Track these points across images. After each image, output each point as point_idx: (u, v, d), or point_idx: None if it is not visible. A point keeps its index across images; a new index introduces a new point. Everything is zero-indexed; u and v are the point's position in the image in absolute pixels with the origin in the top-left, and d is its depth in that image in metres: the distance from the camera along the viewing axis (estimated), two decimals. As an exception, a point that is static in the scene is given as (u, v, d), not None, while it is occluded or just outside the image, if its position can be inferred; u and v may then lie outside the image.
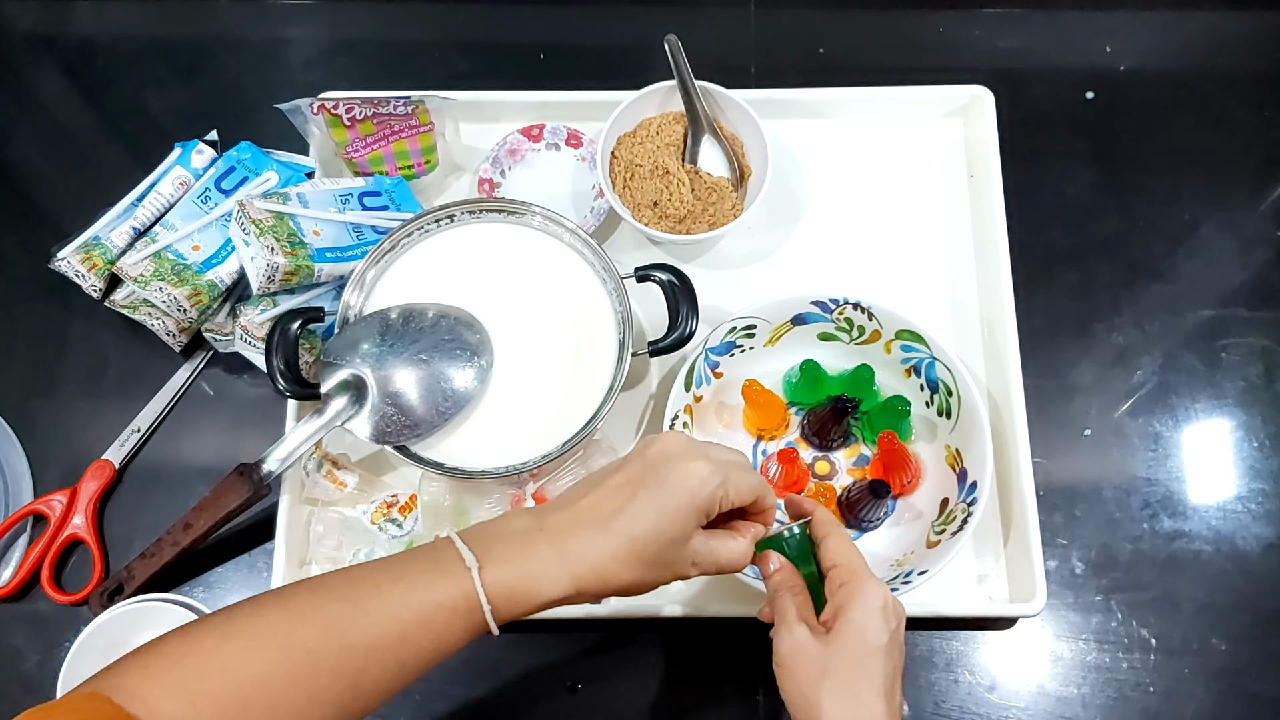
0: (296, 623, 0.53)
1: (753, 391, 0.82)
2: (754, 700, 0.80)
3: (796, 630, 0.60)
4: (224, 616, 0.53)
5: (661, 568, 0.58)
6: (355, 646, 0.53)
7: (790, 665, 0.59)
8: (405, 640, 0.54)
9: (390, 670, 0.54)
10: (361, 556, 0.81)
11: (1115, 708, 0.80)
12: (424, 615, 0.54)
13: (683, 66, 0.89)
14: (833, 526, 0.64)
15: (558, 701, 0.80)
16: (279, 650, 0.52)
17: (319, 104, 0.86)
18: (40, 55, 1.04)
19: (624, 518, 0.57)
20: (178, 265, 0.82)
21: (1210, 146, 0.97)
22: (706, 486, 0.57)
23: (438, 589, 0.54)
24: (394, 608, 0.54)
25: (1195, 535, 0.84)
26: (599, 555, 0.56)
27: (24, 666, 0.82)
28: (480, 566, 0.55)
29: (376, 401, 0.77)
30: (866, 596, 0.59)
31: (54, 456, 0.88)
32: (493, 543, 0.57)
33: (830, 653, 0.58)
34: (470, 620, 0.55)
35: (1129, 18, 1.03)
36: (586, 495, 0.58)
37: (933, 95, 0.95)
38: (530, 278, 0.84)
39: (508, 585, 0.55)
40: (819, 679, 0.58)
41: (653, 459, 0.59)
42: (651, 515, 0.57)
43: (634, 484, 0.58)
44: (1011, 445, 0.82)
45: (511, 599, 0.55)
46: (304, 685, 0.51)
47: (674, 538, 0.57)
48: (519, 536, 0.57)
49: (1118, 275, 0.93)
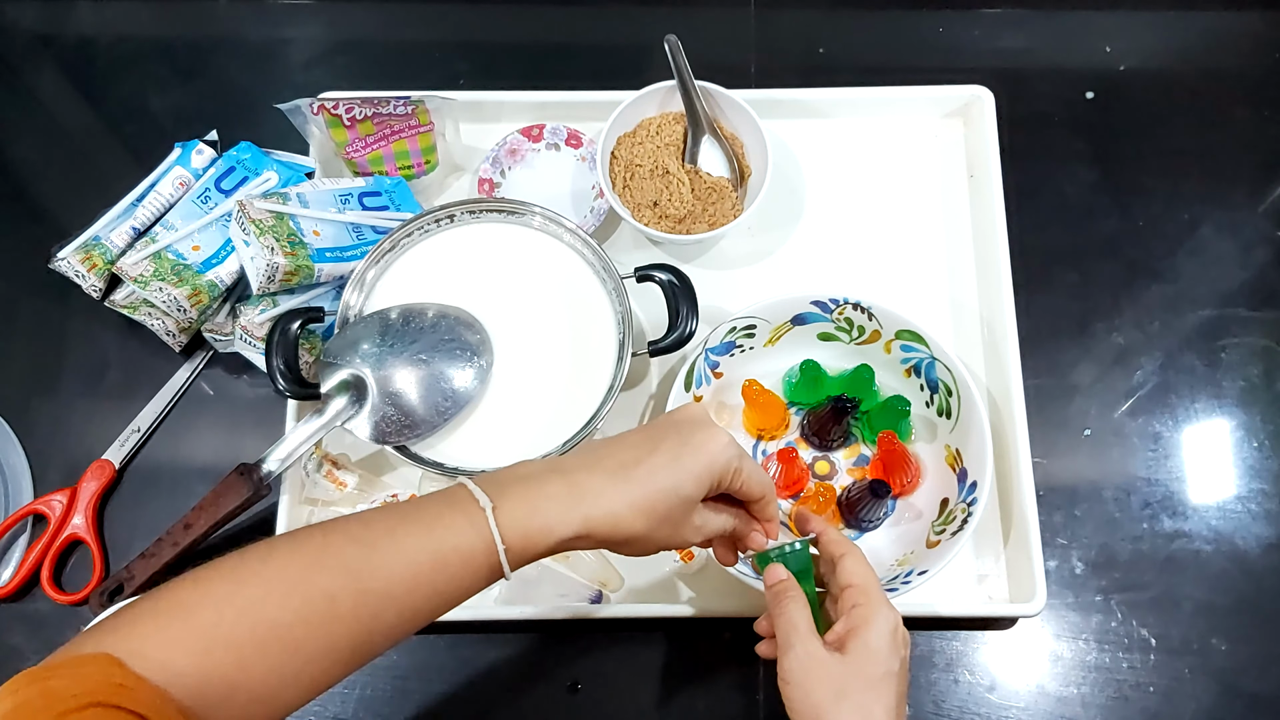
0: (312, 567, 0.52)
1: (753, 391, 0.82)
2: (754, 700, 0.80)
3: (811, 644, 0.59)
4: (234, 562, 0.51)
5: (670, 525, 0.58)
6: (371, 591, 0.52)
7: (803, 681, 0.59)
8: (420, 584, 0.53)
9: (404, 615, 0.53)
10: (361, 556, 0.81)
11: (1115, 708, 0.80)
12: (439, 558, 0.53)
13: (683, 66, 0.89)
14: (847, 546, 0.64)
15: (558, 701, 0.80)
16: (296, 595, 0.50)
17: (319, 104, 0.86)
18: (40, 55, 1.04)
19: (642, 468, 0.57)
20: (178, 265, 0.82)
21: (1210, 146, 0.97)
22: (726, 453, 0.58)
23: (453, 531, 0.54)
24: (410, 550, 0.53)
25: (1195, 535, 0.84)
26: (613, 498, 0.56)
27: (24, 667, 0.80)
28: (494, 507, 0.54)
29: (376, 401, 0.77)
30: (881, 620, 0.59)
31: (54, 456, 0.88)
32: (506, 484, 0.56)
33: (847, 672, 0.58)
34: (486, 563, 0.54)
35: (1129, 18, 1.03)
36: (605, 446, 0.58)
37: (933, 95, 0.95)
38: (530, 278, 0.84)
39: (521, 524, 0.55)
40: (835, 698, 0.57)
41: (678, 421, 0.60)
42: (671, 468, 0.57)
43: (655, 440, 0.58)
44: (1011, 445, 0.82)
45: (525, 538, 0.55)
46: (321, 630, 0.51)
47: (687, 495, 0.57)
48: (533, 477, 0.57)
49: (1118, 275, 0.93)
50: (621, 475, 0.57)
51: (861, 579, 0.62)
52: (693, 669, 0.81)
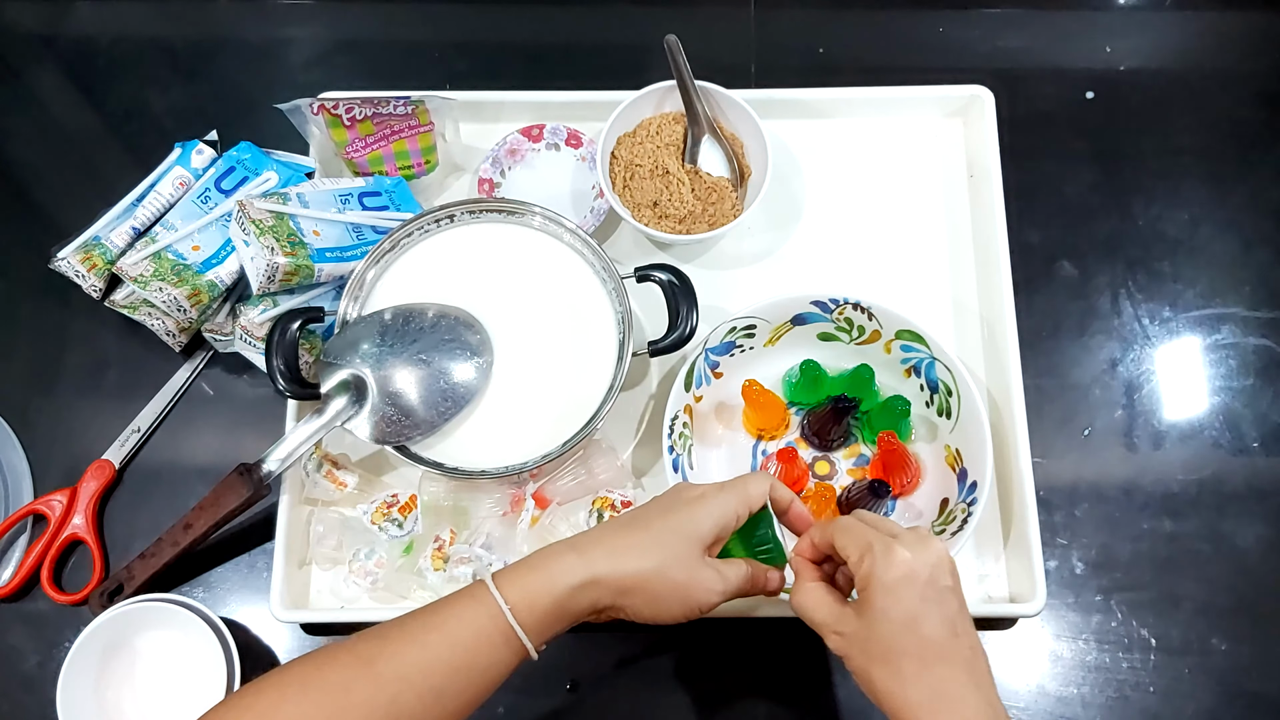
0: (325, 665, 0.55)
1: (753, 391, 0.82)
2: (754, 700, 0.80)
3: (833, 625, 0.60)
4: (259, 679, 0.55)
5: (682, 567, 0.60)
6: (384, 675, 0.54)
7: (848, 655, 0.60)
8: (436, 665, 0.55)
9: (425, 698, 0.55)
10: (361, 557, 0.81)
11: (1115, 708, 0.80)
12: (448, 635, 0.56)
13: (683, 66, 0.89)
14: (827, 525, 0.63)
15: (558, 701, 0.80)
16: (311, 690, 0.54)
17: (319, 104, 0.86)
18: (40, 55, 1.04)
19: (635, 517, 0.63)
20: (178, 265, 0.82)
21: (1210, 146, 0.97)
22: (725, 501, 0.63)
23: (460, 606, 0.58)
24: (419, 632, 0.56)
25: (1195, 535, 0.84)
26: (615, 542, 0.60)
27: (24, 666, 0.82)
28: (496, 579, 0.58)
29: (376, 401, 0.77)
30: (879, 575, 0.58)
31: (54, 456, 0.88)
32: (514, 564, 0.61)
33: (867, 636, 0.58)
34: (498, 631, 0.57)
35: (1129, 18, 1.03)
36: (608, 521, 0.64)
37: (933, 95, 0.95)
38: (530, 278, 0.84)
39: (521, 580, 0.58)
40: (866, 661, 0.58)
41: (677, 488, 0.65)
42: (671, 513, 0.62)
43: (656, 502, 0.64)
44: (1011, 445, 0.82)
45: (526, 593, 0.57)
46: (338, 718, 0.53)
47: (690, 534, 0.61)
48: (540, 552, 0.61)
49: (1118, 275, 0.93)
50: (617, 525, 0.62)
51: (855, 544, 0.60)
52: (693, 669, 0.81)
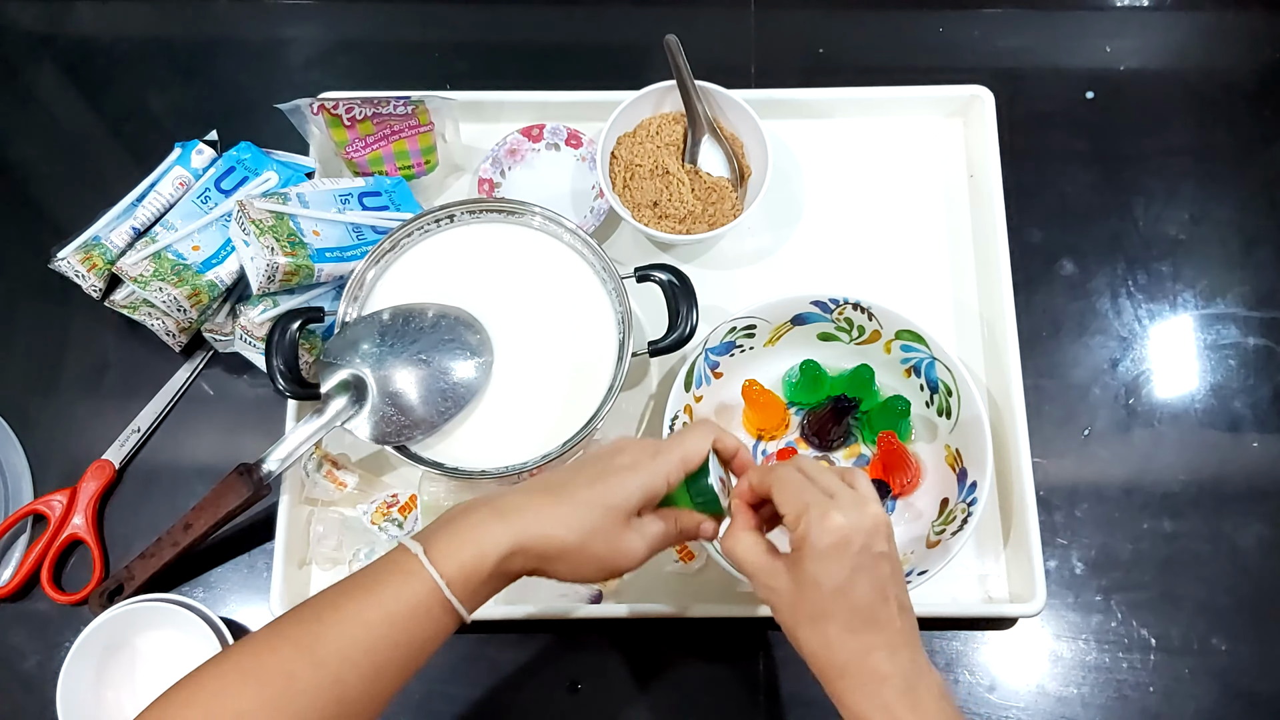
0: (263, 652, 0.54)
1: (753, 391, 0.82)
2: (754, 700, 0.80)
3: (763, 579, 0.59)
4: (196, 670, 0.54)
5: (603, 539, 0.59)
6: (326, 658, 0.54)
7: (774, 607, 0.59)
8: (377, 643, 0.55)
9: (368, 676, 0.54)
10: (362, 557, 0.81)
11: (1115, 708, 0.80)
12: (388, 613, 0.55)
13: (683, 66, 0.89)
14: (767, 473, 0.62)
15: (558, 701, 0.80)
16: (252, 680, 0.53)
17: (319, 104, 0.86)
18: (40, 55, 1.04)
19: (566, 487, 0.60)
20: (178, 265, 0.82)
21: (1210, 146, 0.97)
22: (656, 467, 0.60)
23: (395, 584, 0.56)
24: (355, 610, 0.55)
25: (1195, 535, 0.84)
26: (538, 511, 0.58)
27: (24, 666, 0.82)
28: (426, 549, 0.56)
29: (376, 401, 0.77)
30: (814, 541, 0.57)
31: (54, 456, 0.88)
32: (437, 528, 0.59)
33: (798, 596, 0.58)
34: (438, 604, 0.56)
35: (1129, 18, 1.03)
36: (533, 478, 0.61)
37: (933, 95, 0.95)
38: (530, 278, 0.84)
39: (455, 557, 0.56)
40: (793, 620, 0.59)
41: (605, 448, 0.63)
42: (594, 485, 0.59)
43: (581, 464, 0.62)
44: (1011, 445, 0.82)
45: (462, 568, 0.56)
46: (286, 708, 0.52)
47: (614, 505, 0.59)
48: (461, 513, 0.59)
49: (1118, 275, 0.93)
50: (544, 490, 0.60)
51: (790, 501, 0.59)
52: (693, 669, 0.81)
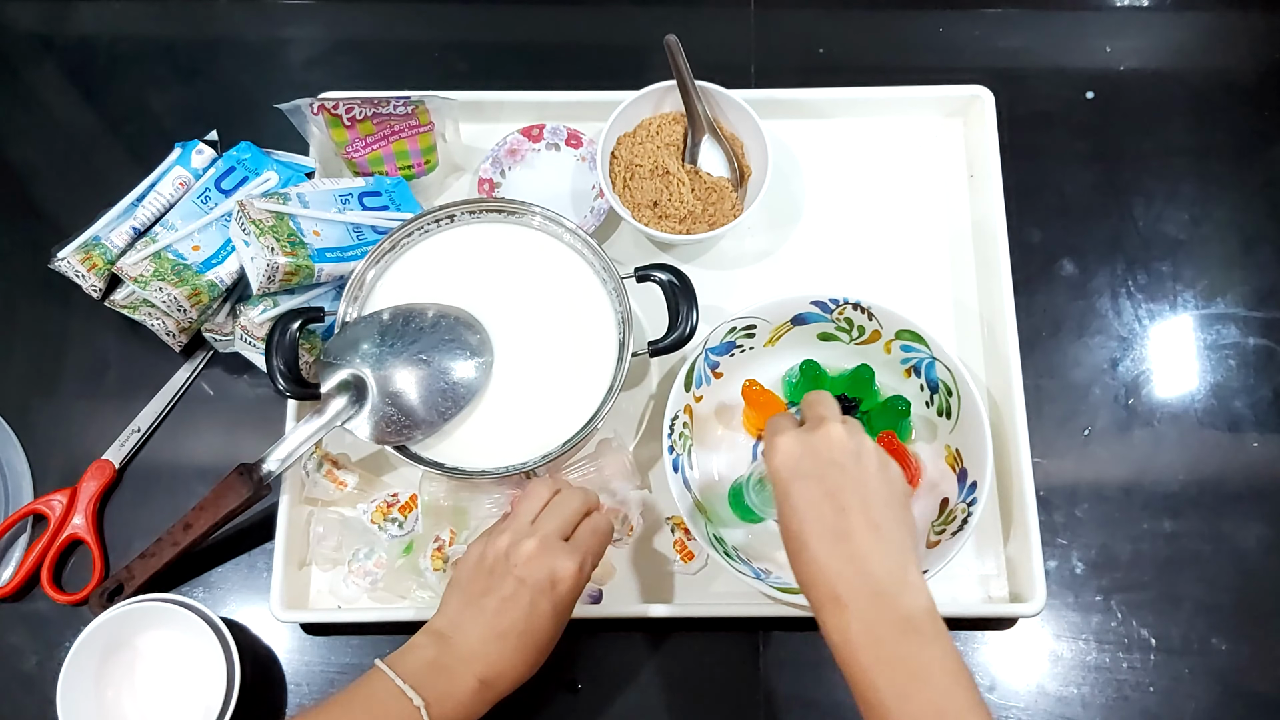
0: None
1: (753, 391, 0.82)
2: (754, 700, 0.80)
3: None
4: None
5: (546, 653, 0.68)
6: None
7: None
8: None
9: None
10: (361, 557, 0.81)
11: (1115, 708, 0.80)
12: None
13: (683, 66, 0.89)
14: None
15: (558, 701, 0.80)
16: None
17: (319, 104, 0.86)
18: (40, 55, 1.04)
19: (528, 635, 0.65)
20: (178, 265, 0.82)
21: (1210, 146, 0.97)
22: (573, 589, 0.67)
23: (383, 714, 0.61)
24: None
25: (1195, 535, 0.84)
26: (501, 657, 0.65)
27: (24, 666, 0.82)
28: (427, 704, 0.62)
29: (376, 401, 0.77)
30: (767, 465, 0.63)
31: (54, 456, 0.88)
32: (418, 667, 0.64)
33: (780, 524, 0.63)
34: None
35: (1129, 18, 1.03)
36: (480, 615, 0.66)
37: (933, 95, 0.95)
38: (530, 278, 0.84)
39: (439, 693, 0.63)
40: (783, 541, 0.63)
41: (555, 606, 0.67)
42: (552, 636, 0.67)
43: (539, 623, 0.66)
44: (1011, 445, 0.82)
45: (443, 709, 0.63)
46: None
47: (555, 636, 0.67)
48: (439, 661, 0.64)
49: (1118, 275, 0.93)
50: (509, 641, 0.65)
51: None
52: (693, 669, 0.81)
